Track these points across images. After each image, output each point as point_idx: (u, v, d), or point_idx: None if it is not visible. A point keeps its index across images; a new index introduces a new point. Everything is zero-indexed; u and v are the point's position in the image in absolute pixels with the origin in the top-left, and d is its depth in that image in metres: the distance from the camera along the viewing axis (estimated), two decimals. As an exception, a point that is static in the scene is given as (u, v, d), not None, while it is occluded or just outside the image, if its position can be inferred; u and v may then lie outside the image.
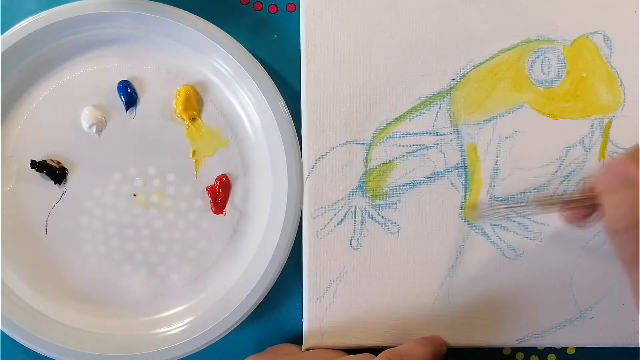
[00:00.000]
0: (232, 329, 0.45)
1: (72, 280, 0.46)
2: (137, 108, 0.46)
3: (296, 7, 0.47)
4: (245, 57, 0.45)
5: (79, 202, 0.46)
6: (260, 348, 0.47)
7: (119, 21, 0.45)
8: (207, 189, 0.46)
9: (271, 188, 0.46)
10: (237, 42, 0.45)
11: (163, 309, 0.47)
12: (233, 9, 0.47)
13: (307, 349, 0.45)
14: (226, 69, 0.46)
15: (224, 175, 0.46)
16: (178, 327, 0.46)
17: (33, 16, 0.44)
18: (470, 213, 0.45)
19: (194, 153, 0.46)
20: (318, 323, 0.45)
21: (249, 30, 0.47)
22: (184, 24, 0.44)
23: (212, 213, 0.47)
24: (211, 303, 0.46)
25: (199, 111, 0.46)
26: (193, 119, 0.46)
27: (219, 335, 0.45)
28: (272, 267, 0.45)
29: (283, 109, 0.45)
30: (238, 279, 0.46)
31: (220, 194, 0.46)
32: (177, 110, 0.46)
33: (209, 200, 0.46)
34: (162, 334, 0.46)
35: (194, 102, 0.46)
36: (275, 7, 0.47)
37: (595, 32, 0.45)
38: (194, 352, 0.45)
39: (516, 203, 0.43)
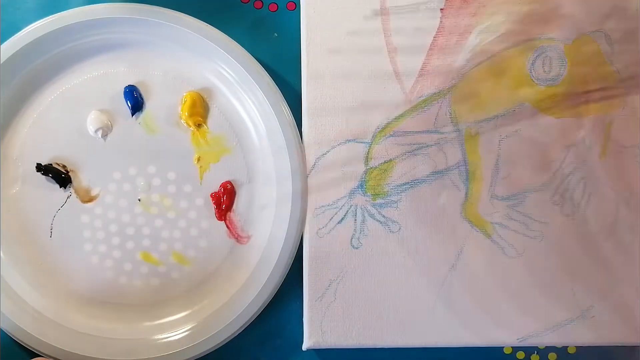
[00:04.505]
0: (233, 336, 0.45)
1: (76, 284, 0.47)
2: (143, 113, 0.46)
3: (296, 5, 0.47)
4: (250, 63, 0.45)
5: (84, 205, 0.46)
6: (261, 347, 0.47)
7: (125, 26, 0.45)
8: (211, 195, 0.47)
9: (275, 195, 0.46)
10: (242, 47, 0.45)
11: (165, 315, 0.47)
12: (233, 7, 0.47)
13: (308, 349, 0.45)
14: (231, 75, 0.46)
15: (228, 182, 0.47)
16: (180, 333, 0.46)
17: (40, 20, 0.44)
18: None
19: (198, 159, 0.46)
20: (318, 322, 0.45)
21: (249, 29, 0.47)
22: (189, 30, 0.44)
23: (216, 219, 0.47)
24: (213, 310, 0.46)
25: (205, 117, 0.46)
26: (199, 125, 0.46)
27: (220, 342, 0.45)
28: (275, 276, 0.45)
29: (288, 116, 0.45)
30: (240, 286, 0.46)
31: (224, 200, 0.46)
32: (183, 116, 0.46)
33: (213, 206, 0.47)
34: (164, 340, 0.46)
35: (200, 108, 0.46)
36: (276, 6, 0.47)
37: (597, 31, 0.45)
38: (195, 358, 0.45)
39: None
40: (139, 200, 0.46)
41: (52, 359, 0.44)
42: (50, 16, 0.44)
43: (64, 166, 0.46)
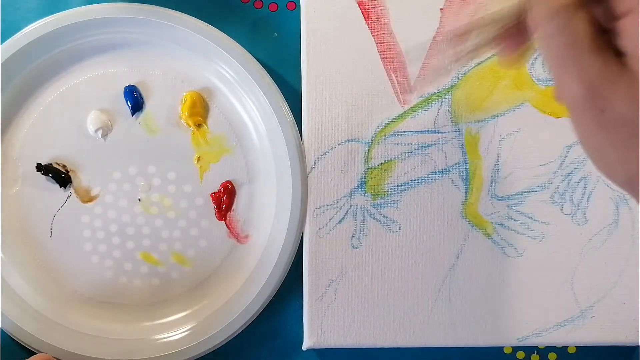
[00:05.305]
0: (233, 336, 0.45)
1: (76, 284, 0.47)
2: (143, 113, 0.46)
3: (296, 5, 0.47)
4: (251, 63, 0.45)
5: (84, 205, 0.46)
6: (261, 347, 0.47)
7: (126, 26, 0.45)
8: (211, 195, 0.47)
9: (275, 195, 0.46)
10: (242, 47, 0.45)
11: (165, 315, 0.47)
12: (234, 7, 0.47)
13: (308, 348, 0.45)
14: (232, 75, 0.46)
15: (228, 182, 0.47)
16: (180, 333, 0.46)
17: (40, 20, 0.44)
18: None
19: (198, 159, 0.46)
20: (318, 322, 0.45)
21: (250, 29, 0.47)
22: (190, 30, 0.44)
23: (216, 219, 0.47)
24: (213, 310, 0.46)
25: (205, 117, 0.46)
26: (199, 125, 0.46)
27: (220, 342, 0.45)
28: (275, 275, 0.45)
29: (288, 115, 0.45)
30: (240, 286, 0.46)
31: (224, 200, 0.46)
32: (183, 116, 0.46)
33: (213, 206, 0.47)
34: (164, 340, 0.46)
35: (200, 108, 0.46)
36: (276, 6, 0.47)
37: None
38: (195, 358, 0.45)
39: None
40: (139, 200, 0.46)
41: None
42: (50, 16, 0.45)
43: (64, 166, 0.46)
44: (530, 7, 0.27)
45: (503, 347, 0.48)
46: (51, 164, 0.46)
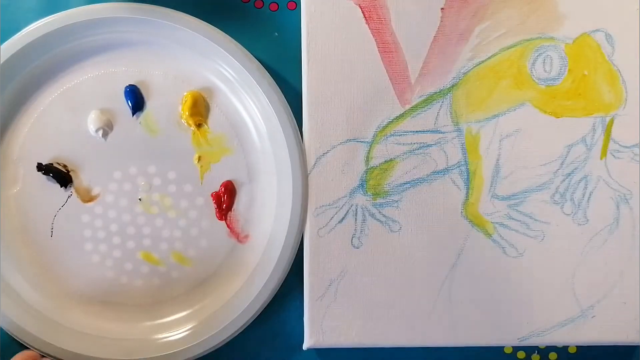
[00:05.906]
0: (233, 335, 0.45)
1: (77, 283, 0.47)
2: (144, 113, 0.46)
3: (297, 4, 0.47)
4: (251, 63, 0.45)
5: (85, 205, 0.46)
6: (261, 347, 0.47)
7: (126, 26, 0.45)
8: (212, 194, 0.47)
9: (276, 194, 0.46)
10: (242, 47, 0.45)
11: (166, 314, 0.47)
12: (234, 7, 0.47)
13: (309, 348, 0.45)
14: (232, 75, 0.46)
15: (229, 182, 0.47)
16: (180, 333, 0.46)
17: (40, 20, 0.44)
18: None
19: (199, 159, 0.46)
20: (319, 322, 0.45)
21: (250, 29, 0.47)
22: (190, 30, 0.44)
23: (216, 219, 0.47)
24: (213, 309, 0.46)
25: (205, 117, 0.46)
26: (199, 125, 0.46)
27: (220, 342, 0.45)
28: (275, 275, 0.45)
29: (288, 115, 0.45)
30: (241, 286, 0.46)
31: (225, 200, 0.46)
32: (184, 116, 0.46)
33: (213, 206, 0.47)
34: (164, 339, 0.46)
35: (201, 107, 0.46)
36: (276, 5, 0.47)
37: (597, 30, 0.45)
38: (195, 357, 0.45)
39: None
40: (140, 199, 0.46)
41: (53, 358, 0.45)
42: (50, 16, 0.44)
43: (64, 166, 0.46)
44: None
45: (503, 347, 0.48)
46: (52, 164, 0.46)
